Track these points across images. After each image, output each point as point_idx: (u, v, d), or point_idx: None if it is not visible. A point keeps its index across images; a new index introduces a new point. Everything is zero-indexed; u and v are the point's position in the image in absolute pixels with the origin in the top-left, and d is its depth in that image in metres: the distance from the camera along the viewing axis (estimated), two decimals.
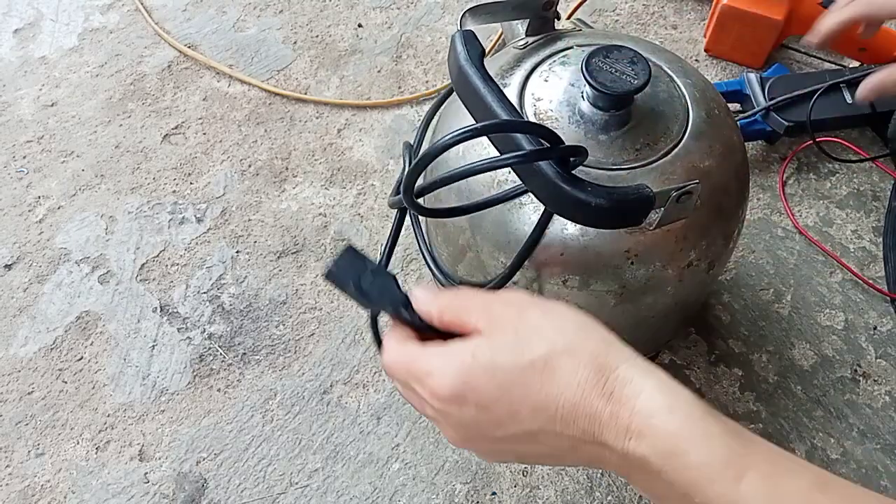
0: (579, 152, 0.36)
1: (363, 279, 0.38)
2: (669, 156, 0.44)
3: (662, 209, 0.40)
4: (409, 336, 0.37)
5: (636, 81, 0.41)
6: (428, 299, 0.36)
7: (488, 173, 0.44)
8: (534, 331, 0.32)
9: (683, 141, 0.45)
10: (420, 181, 0.38)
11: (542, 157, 0.36)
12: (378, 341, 0.46)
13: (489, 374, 0.32)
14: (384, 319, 0.44)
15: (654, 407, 0.29)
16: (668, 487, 0.29)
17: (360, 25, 0.88)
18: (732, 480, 0.28)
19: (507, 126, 0.38)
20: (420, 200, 0.40)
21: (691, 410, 0.30)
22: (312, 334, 0.65)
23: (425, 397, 0.34)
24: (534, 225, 0.42)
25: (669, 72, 0.48)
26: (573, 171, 0.37)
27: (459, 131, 0.33)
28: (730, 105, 0.64)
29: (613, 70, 0.41)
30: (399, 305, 0.37)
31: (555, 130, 0.36)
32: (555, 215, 0.41)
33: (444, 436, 0.36)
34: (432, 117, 0.56)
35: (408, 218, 0.51)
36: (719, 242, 0.48)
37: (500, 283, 0.44)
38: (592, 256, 0.44)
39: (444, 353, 0.33)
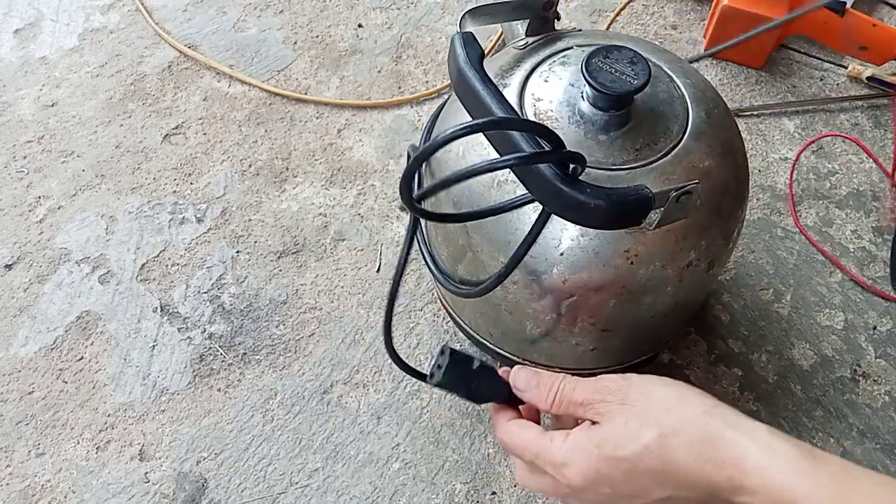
0: (578, 160, 0.37)
1: (472, 383, 0.41)
2: (669, 156, 0.44)
3: (662, 209, 0.40)
4: (518, 417, 0.43)
5: (636, 82, 0.41)
6: (533, 385, 0.41)
7: (488, 175, 0.44)
8: (640, 418, 0.36)
9: (683, 141, 0.45)
10: (423, 185, 0.39)
11: (541, 160, 0.36)
12: (397, 360, 0.49)
13: (614, 464, 0.36)
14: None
15: (761, 465, 0.33)
16: None
17: (360, 26, 0.88)
18: None
19: (505, 123, 0.38)
20: (424, 205, 0.40)
21: (796, 460, 0.33)
22: (312, 334, 0.65)
23: (561, 481, 0.38)
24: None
25: (669, 72, 0.48)
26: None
27: (457, 127, 0.33)
28: None
29: (613, 70, 0.41)
30: (507, 397, 0.42)
31: (555, 130, 0.36)
32: (553, 215, 0.41)
33: (567, 481, 0.38)
34: (437, 119, 0.56)
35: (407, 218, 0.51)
36: (719, 242, 0.48)
37: (495, 282, 0.44)
38: (592, 256, 0.44)
39: (573, 446, 0.38)
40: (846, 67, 0.83)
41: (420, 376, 0.47)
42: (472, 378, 0.41)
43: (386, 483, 0.58)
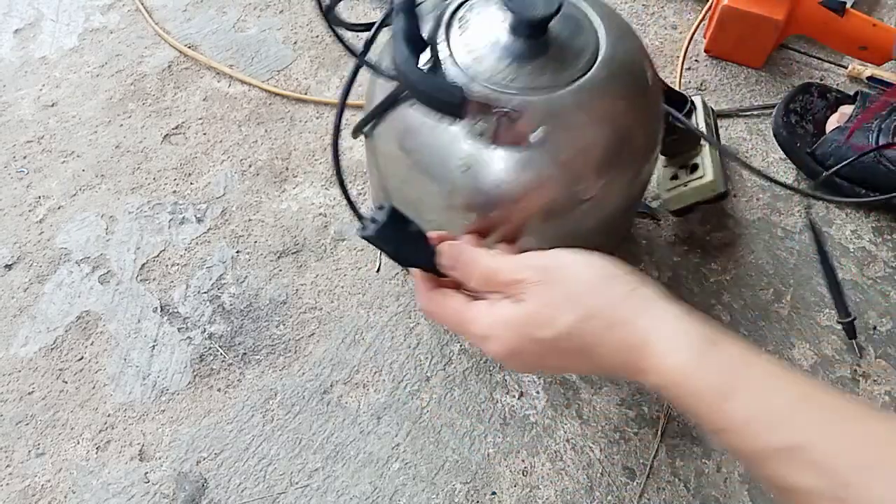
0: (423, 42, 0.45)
1: (403, 244, 0.42)
2: (576, 84, 0.47)
3: (490, 123, 0.46)
4: (440, 285, 0.43)
5: (547, 9, 0.45)
6: (459, 263, 0.42)
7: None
8: (561, 301, 0.37)
9: (592, 71, 0.48)
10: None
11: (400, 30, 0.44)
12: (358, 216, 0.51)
13: (535, 343, 0.38)
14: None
15: (661, 348, 0.35)
16: (683, 410, 0.36)
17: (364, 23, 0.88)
18: (721, 402, 0.33)
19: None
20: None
21: (696, 345, 0.35)
22: (312, 334, 0.65)
23: (478, 346, 0.41)
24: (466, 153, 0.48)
25: (588, 8, 0.51)
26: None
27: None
28: None
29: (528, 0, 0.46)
30: (433, 267, 0.42)
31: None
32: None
33: (489, 352, 0.40)
34: None
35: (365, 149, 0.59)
36: (628, 174, 0.52)
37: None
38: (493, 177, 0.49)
39: (495, 321, 0.39)
40: (846, 67, 0.83)
41: (360, 218, 0.49)
42: (403, 240, 0.41)
43: (386, 483, 0.58)
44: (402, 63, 0.45)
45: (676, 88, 0.74)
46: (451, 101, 0.45)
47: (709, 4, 0.86)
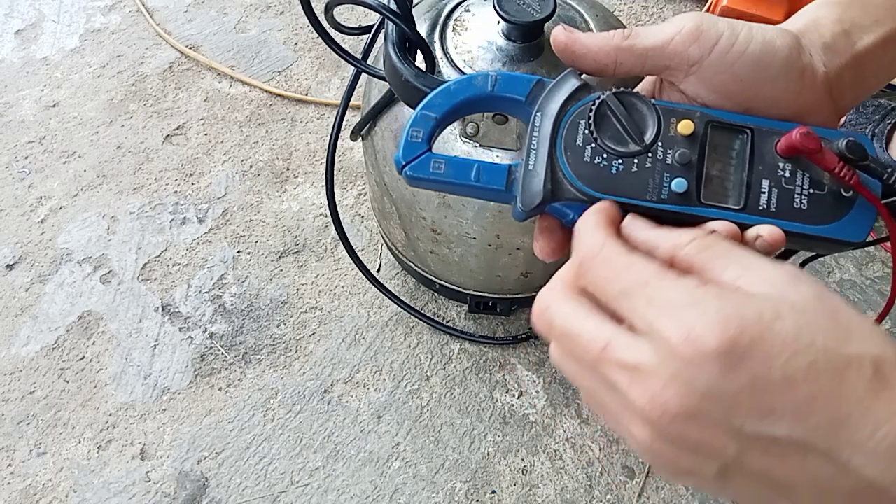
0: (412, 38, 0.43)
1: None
2: None
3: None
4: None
5: (540, 13, 0.44)
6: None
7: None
8: (855, 323, 0.23)
9: None
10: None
11: (391, 20, 0.43)
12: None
13: (790, 341, 0.22)
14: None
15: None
16: None
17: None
18: None
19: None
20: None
21: None
22: (313, 334, 0.66)
23: (659, 348, 0.23)
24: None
25: (580, 9, 0.51)
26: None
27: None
28: None
29: (523, 4, 0.45)
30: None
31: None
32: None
33: (632, 435, 0.25)
34: None
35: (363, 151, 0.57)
36: None
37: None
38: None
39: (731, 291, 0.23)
40: None
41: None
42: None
43: (386, 482, 0.58)
44: (394, 64, 0.45)
45: None
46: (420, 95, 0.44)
47: (708, 5, 0.86)
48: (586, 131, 0.30)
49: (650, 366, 0.23)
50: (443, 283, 0.62)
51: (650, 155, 0.30)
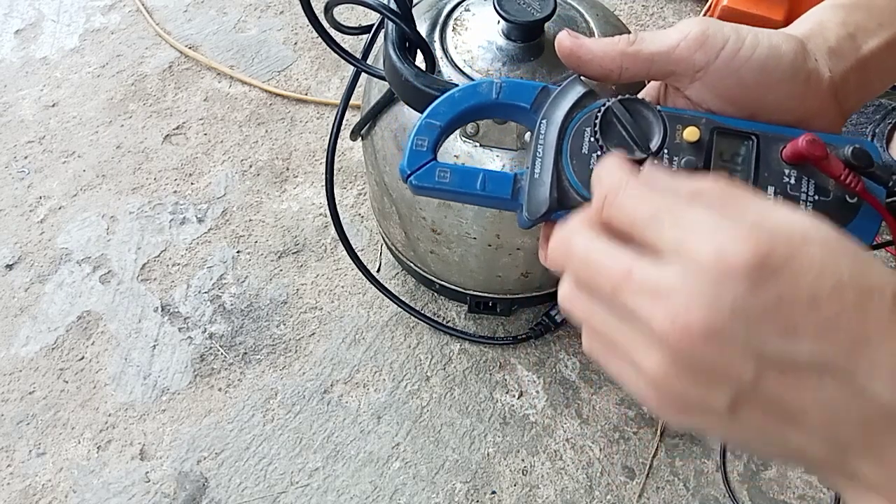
0: (412, 38, 0.43)
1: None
2: None
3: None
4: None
5: (540, 13, 0.45)
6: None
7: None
8: (875, 262, 0.24)
9: None
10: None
11: (390, 20, 0.43)
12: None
13: (816, 263, 0.22)
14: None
15: None
16: None
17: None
18: None
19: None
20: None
21: None
22: (313, 334, 0.65)
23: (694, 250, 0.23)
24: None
25: (580, 8, 0.51)
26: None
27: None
28: None
29: (522, 3, 0.45)
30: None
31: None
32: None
33: (643, 370, 0.24)
34: None
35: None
36: None
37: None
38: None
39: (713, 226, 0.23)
40: None
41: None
42: None
43: (386, 482, 0.58)
44: (394, 64, 0.45)
45: None
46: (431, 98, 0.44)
47: (708, 5, 0.86)
48: (592, 139, 0.30)
49: (675, 286, 0.23)
50: (443, 283, 0.62)
51: (656, 162, 0.30)
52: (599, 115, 0.30)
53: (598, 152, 0.30)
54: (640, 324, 0.24)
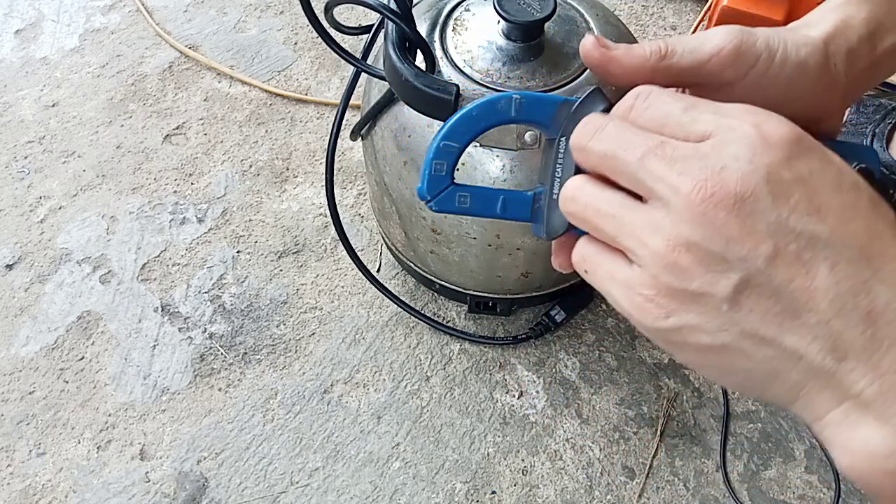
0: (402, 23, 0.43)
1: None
2: (574, 83, 0.47)
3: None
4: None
5: (540, 13, 0.45)
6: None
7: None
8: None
9: (587, 72, 0.48)
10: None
11: (390, 20, 0.43)
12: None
13: (839, 161, 0.24)
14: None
15: None
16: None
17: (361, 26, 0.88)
18: None
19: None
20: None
21: None
22: (313, 334, 0.65)
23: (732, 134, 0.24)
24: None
25: (581, 8, 0.52)
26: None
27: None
28: None
29: (522, 3, 0.45)
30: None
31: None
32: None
33: (647, 247, 0.24)
34: None
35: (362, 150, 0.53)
36: None
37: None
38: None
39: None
40: None
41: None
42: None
43: (386, 482, 0.58)
44: (394, 64, 0.45)
45: None
46: (446, 99, 0.44)
47: (708, 5, 0.86)
48: None
49: (710, 153, 0.23)
50: (443, 283, 0.62)
51: None
52: None
53: None
54: (662, 192, 0.24)
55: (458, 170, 0.32)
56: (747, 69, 0.30)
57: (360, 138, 0.57)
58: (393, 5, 0.43)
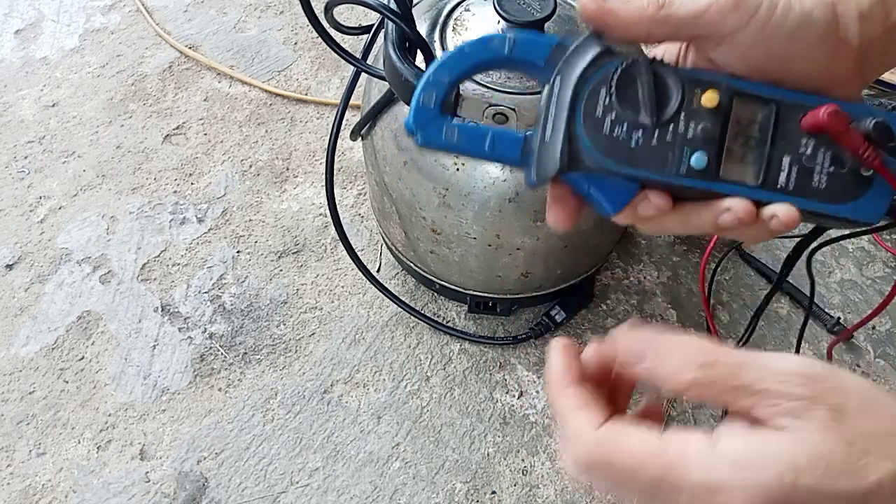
0: (411, 36, 0.44)
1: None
2: None
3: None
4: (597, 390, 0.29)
5: (540, 13, 0.45)
6: (659, 368, 0.27)
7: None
8: (867, 438, 0.23)
9: None
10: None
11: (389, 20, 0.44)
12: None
13: (818, 499, 0.23)
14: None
15: None
16: None
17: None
18: None
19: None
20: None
21: None
22: (313, 334, 0.65)
23: None
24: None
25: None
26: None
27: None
28: None
29: (522, 3, 0.45)
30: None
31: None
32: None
33: None
34: None
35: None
36: None
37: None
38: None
39: (735, 461, 0.23)
40: None
41: None
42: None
43: (386, 482, 0.58)
44: (394, 64, 0.45)
45: None
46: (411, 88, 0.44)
47: None
48: (607, 101, 0.29)
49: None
50: (443, 283, 0.62)
51: (671, 128, 0.29)
52: (616, 76, 0.29)
53: (613, 114, 0.29)
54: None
55: (459, 168, 0.32)
56: (748, 17, 0.29)
57: (360, 138, 0.57)
58: (393, 5, 0.43)
